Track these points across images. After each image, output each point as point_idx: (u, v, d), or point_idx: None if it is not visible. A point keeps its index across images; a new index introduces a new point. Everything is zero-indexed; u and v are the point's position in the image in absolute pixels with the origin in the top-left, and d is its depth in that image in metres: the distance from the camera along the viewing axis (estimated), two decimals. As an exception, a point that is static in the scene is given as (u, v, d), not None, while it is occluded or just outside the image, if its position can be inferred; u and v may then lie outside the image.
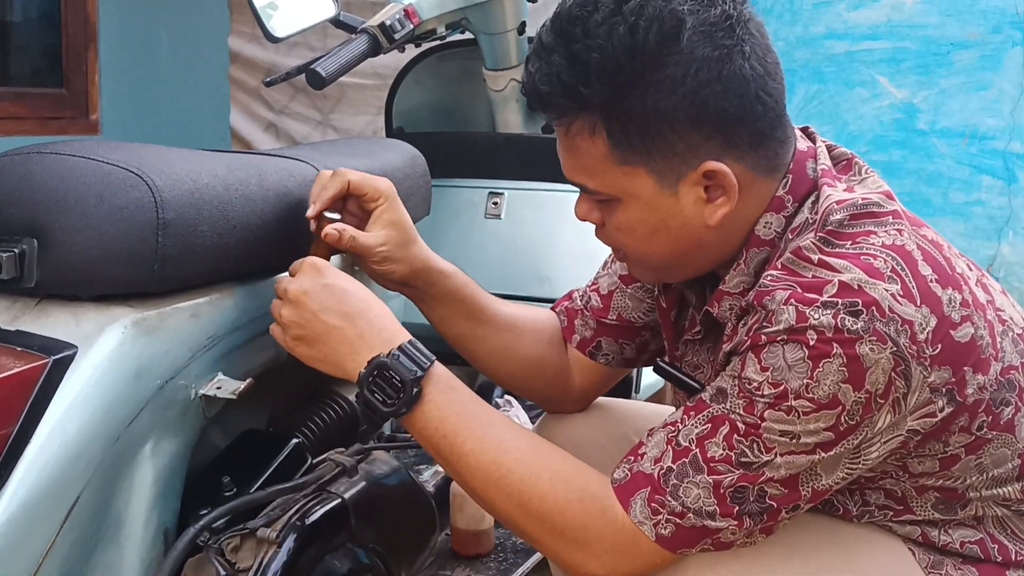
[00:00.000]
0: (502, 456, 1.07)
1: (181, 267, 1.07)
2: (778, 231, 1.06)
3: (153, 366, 1.06)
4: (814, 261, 0.99)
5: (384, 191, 1.21)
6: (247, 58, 3.88)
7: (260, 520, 1.14)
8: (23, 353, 1.00)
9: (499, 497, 1.07)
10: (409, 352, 1.09)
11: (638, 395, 2.10)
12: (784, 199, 1.06)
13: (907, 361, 0.95)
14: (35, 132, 3.23)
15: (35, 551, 0.97)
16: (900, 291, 0.96)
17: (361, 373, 1.08)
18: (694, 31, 0.98)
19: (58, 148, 1.07)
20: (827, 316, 0.94)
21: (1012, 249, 3.43)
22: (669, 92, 0.98)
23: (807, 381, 0.95)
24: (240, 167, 1.18)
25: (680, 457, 1.01)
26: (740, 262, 1.08)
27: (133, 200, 1.03)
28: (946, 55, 3.51)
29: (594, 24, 0.99)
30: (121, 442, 1.04)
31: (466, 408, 1.09)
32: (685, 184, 1.03)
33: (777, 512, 1.01)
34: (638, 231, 1.07)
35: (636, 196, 1.04)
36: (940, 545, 1.10)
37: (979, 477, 1.07)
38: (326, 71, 1.54)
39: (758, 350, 0.98)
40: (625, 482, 1.04)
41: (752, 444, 0.98)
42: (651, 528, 1.02)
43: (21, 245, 1.02)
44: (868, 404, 0.96)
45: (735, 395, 0.99)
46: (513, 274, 2.05)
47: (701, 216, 1.04)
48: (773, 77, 1.03)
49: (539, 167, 2.06)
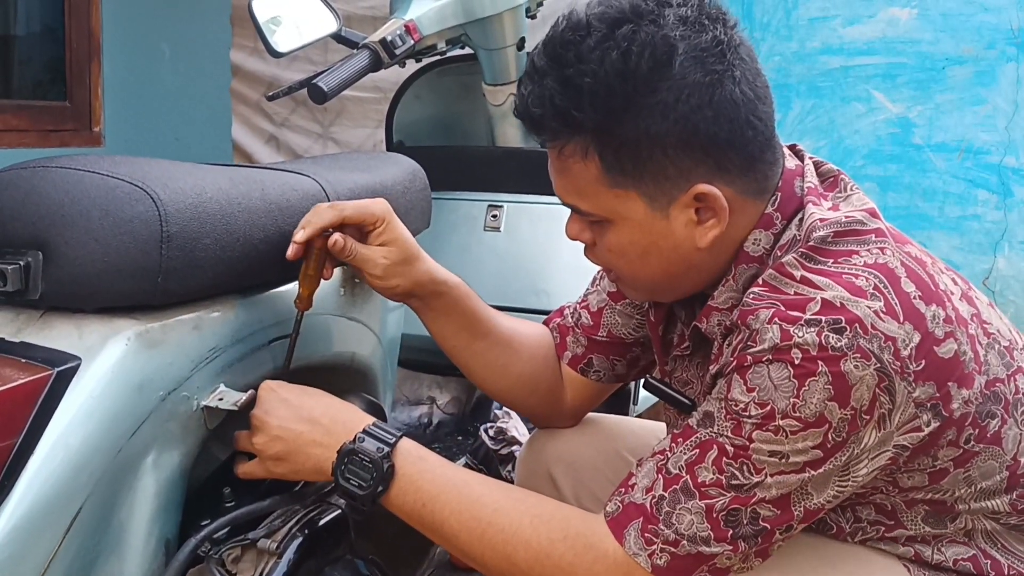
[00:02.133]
0: (480, 511, 1.08)
1: (184, 280, 1.08)
2: (766, 248, 1.07)
3: (156, 378, 1.07)
4: (796, 278, 1.00)
5: (380, 214, 1.21)
6: (249, 72, 3.89)
7: (261, 531, 1.15)
8: (27, 365, 1.00)
9: (486, 553, 1.08)
10: (373, 432, 1.11)
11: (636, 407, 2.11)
12: (773, 216, 1.07)
13: (891, 377, 0.96)
14: (37, 145, 3.24)
15: (38, 562, 0.97)
16: (883, 308, 0.97)
17: (332, 464, 1.10)
18: (686, 56, 0.99)
19: (63, 162, 1.08)
20: (811, 334, 0.95)
21: (1007, 263, 3.44)
22: (661, 117, 0.99)
23: (793, 400, 0.96)
24: (243, 181, 1.19)
25: (671, 484, 1.02)
26: (729, 278, 1.09)
27: (137, 214, 1.04)
28: (941, 70, 3.53)
29: (587, 49, 1.00)
30: (123, 454, 1.04)
31: (439, 474, 1.11)
32: (676, 207, 1.04)
33: (771, 534, 1.01)
34: (629, 253, 1.08)
35: (627, 218, 1.05)
36: (934, 563, 1.11)
37: (968, 490, 1.08)
38: (328, 86, 1.56)
39: (743, 371, 0.98)
40: (617, 514, 1.05)
41: (742, 466, 0.99)
42: (646, 559, 1.02)
43: (26, 258, 1.03)
44: (854, 421, 0.97)
45: (722, 418, 1.00)
46: (512, 286, 2.05)
47: (692, 238, 1.05)
48: (763, 101, 1.04)
49: (538, 181, 2.06)
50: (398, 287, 1.23)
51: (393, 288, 1.23)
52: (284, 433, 1.12)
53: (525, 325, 1.39)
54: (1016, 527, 1.11)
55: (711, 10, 1.03)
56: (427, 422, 2.20)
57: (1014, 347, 1.12)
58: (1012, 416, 1.08)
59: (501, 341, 1.33)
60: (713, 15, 1.02)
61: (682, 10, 1.01)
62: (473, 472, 1.14)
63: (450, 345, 1.31)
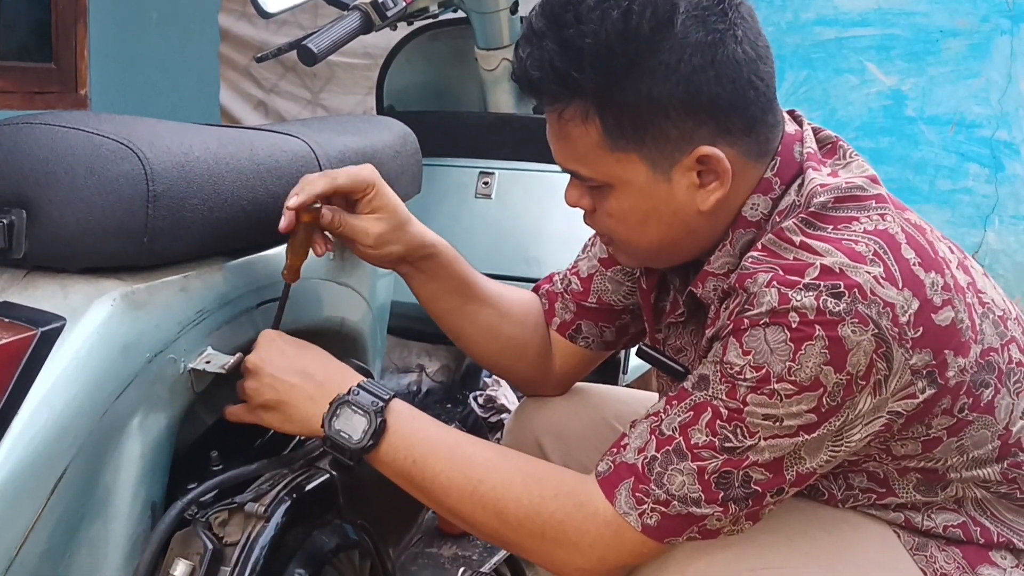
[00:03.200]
0: (472, 470, 1.08)
1: (171, 241, 1.07)
2: (764, 213, 1.07)
3: (142, 340, 1.06)
4: (796, 243, 0.99)
5: (369, 179, 1.19)
6: (237, 36, 3.85)
7: (248, 495, 1.14)
8: (11, 324, 0.99)
9: (476, 511, 1.07)
10: (368, 387, 1.11)
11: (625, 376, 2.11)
12: (772, 181, 1.07)
13: (888, 343, 0.96)
14: (22, 107, 3.21)
15: (21, 525, 0.97)
16: (883, 274, 0.96)
17: (324, 415, 1.09)
18: (687, 16, 0.98)
19: (48, 119, 1.06)
20: (809, 298, 0.95)
21: (997, 237, 3.44)
22: (663, 78, 0.98)
23: (789, 364, 0.95)
24: (231, 141, 1.17)
25: (664, 446, 1.02)
26: (726, 243, 1.08)
27: (123, 172, 1.02)
28: (935, 43, 3.51)
29: (586, 9, 0.98)
30: (109, 416, 1.03)
31: (431, 433, 1.11)
32: (678, 170, 1.03)
33: (762, 497, 1.01)
34: (630, 218, 1.07)
35: (629, 183, 1.04)
36: (923, 529, 1.11)
37: (960, 458, 1.08)
38: (318, 47, 1.54)
39: (740, 334, 0.98)
40: (608, 474, 1.05)
41: (736, 429, 0.99)
42: (636, 518, 1.02)
43: (10, 216, 1.01)
44: (849, 386, 0.96)
45: (717, 380, 1.00)
46: (503, 254, 2.05)
47: (693, 202, 1.04)
48: (764, 61, 1.03)
49: (530, 147, 2.06)
50: (390, 254, 1.22)
51: (386, 256, 1.22)
52: (277, 383, 1.11)
53: (514, 291, 1.38)
54: (1006, 496, 1.11)
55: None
56: (416, 390, 2.19)
57: (1007, 317, 1.12)
58: (1005, 385, 1.08)
59: (490, 305, 1.32)
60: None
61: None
62: (465, 434, 1.14)
63: (439, 309, 1.30)
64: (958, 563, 1.10)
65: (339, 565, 1.21)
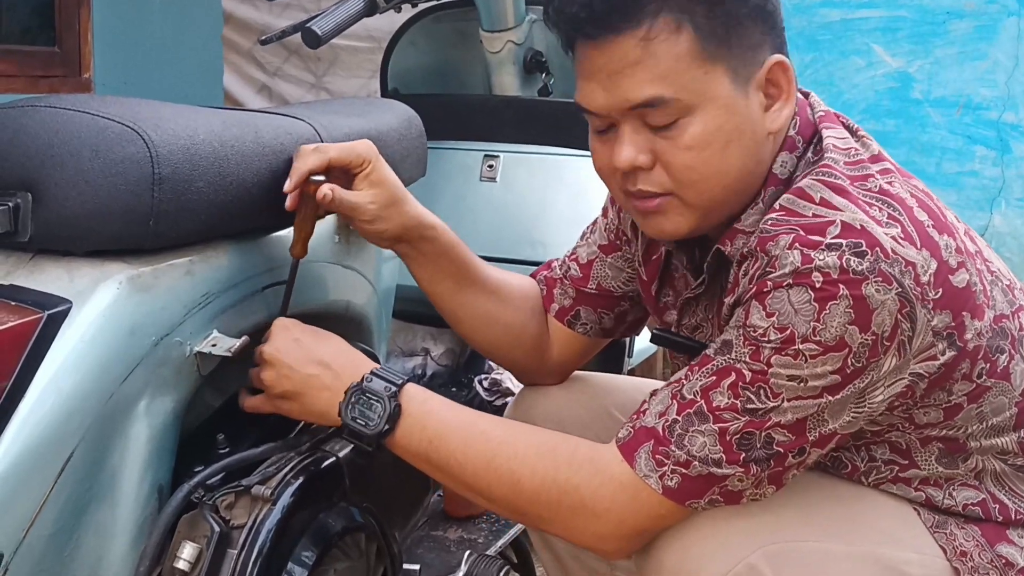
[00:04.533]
0: (486, 443, 1.08)
1: (176, 223, 1.06)
2: (791, 170, 1.07)
3: (148, 323, 1.06)
4: (815, 199, 1.00)
5: (365, 154, 1.19)
6: (240, 19, 3.84)
7: (255, 477, 1.14)
8: (17, 307, 0.99)
9: (492, 483, 1.08)
10: (381, 374, 1.12)
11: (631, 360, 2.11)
12: (796, 139, 1.08)
13: (912, 303, 0.96)
14: (25, 90, 3.20)
15: (28, 508, 0.97)
16: (900, 234, 0.97)
17: (340, 404, 1.11)
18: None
19: (52, 102, 1.06)
20: (832, 257, 0.95)
21: (1004, 220, 3.43)
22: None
23: (814, 324, 0.95)
24: (236, 124, 1.16)
25: (685, 409, 1.02)
26: (759, 200, 1.08)
27: (129, 155, 1.02)
28: (941, 24, 3.49)
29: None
30: (115, 399, 1.03)
31: (445, 412, 1.11)
32: (753, 85, 1.04)
33: (784, 457, 1.01)
34: (714, 142, 1.03)
35: (714, 99, 1.03)
36: (944, 508, 1.12)
37: (979, 426, 1.08)
38: (322, 30, 1.53)
39: (763, 296, 0.98)
40: (628, 439, 1.05)
41: (759, 390, 0.99)
42: (657, 480, 1.02)
43: (15, 199, 1.01)
44: (875, 346, 0.96)
45: (740, 344, 1.00)
46: (507, 237, 2.04)
47: (764, 123, 1.06)
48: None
49: (534, 130, 2.06)
50: (386, 231, 1.22)
51: (382, 232, 1.22)
52: (294, 374, 1.12)
53: (512, 276, 1.38)
54: (1023, 468, 1.12)
55: None
56: (421, 374, 2.19)
57: (1014, 286, 1.13)
58: (1019, 352, 1.09)
59: (488, 289, 1.32)
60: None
61: None
62: (479, 412, 1.14)
63: (437, 292, 1.30)
64: (977, 541, 1.10)
65: (345, 548, 1.21)
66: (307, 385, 1.12)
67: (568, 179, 2.04)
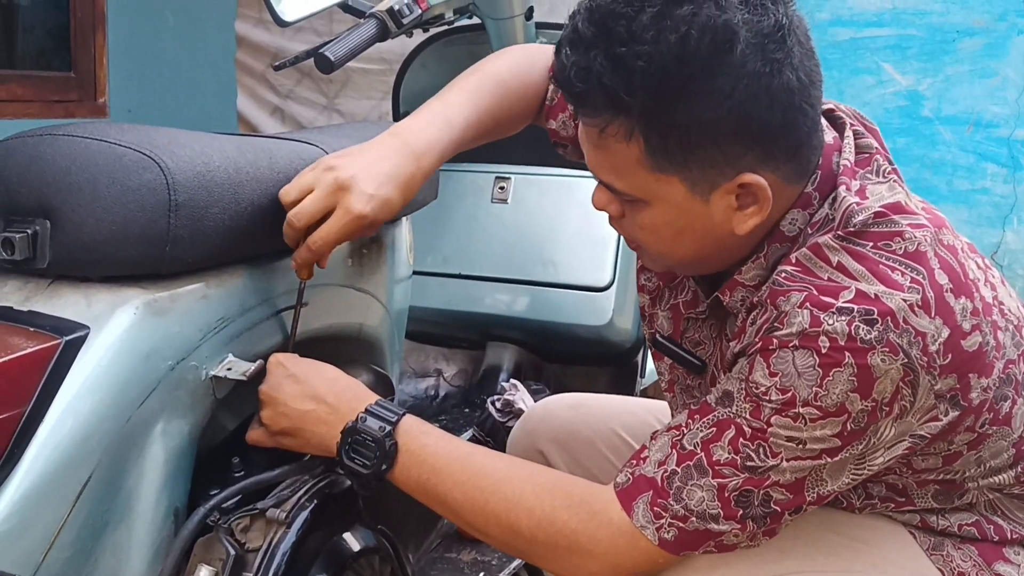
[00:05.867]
0: (482, 481, 1.08)
1: (192, 248, 1.08)
2: (800, 227, 1.04)
3: (164, 347, 1.07)
4: (832, 263, 0.98)
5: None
6: (253, 42, 3.87)
7: (270, 500, 1.15)
8: (36, 333, 1.00)
9: (489, 523, 1.08)
10: (375, 412, 1.12)
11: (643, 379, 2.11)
12: (812, 196, 1.04)
13: (916, 372, 0.95)
14: (41, 115, 3.22)
15: (47, 530, 0.98)
16: (919, 302, 0.95)
17: (337, 443, 1.12)
18: (747, 43, 0.93)
19: (70, 130, 1.07)
20: (841, 323, 0.93)
21: (1016, 237, 3.42)
22: (715, 105, 0.94)
23: (816, 389, 0.94)
24: (251, 149, 1.18)
25: (684, 460, 1.01)
26: (760, 256, 1.06)
27: (145, 182, 1.03)
28: (951, 42, 3.49)
29: (640, 26, 0.93)
30: (132, 423, 1.04)
31: (441, 448, 1.11)
32: (718, 193, 1.00)
33: (780, 516, 1.01)
34: (662, 232, 1.05)
35: (665, 200, 1.02)
36: (939, 529, 1.11)
37: (977, 469, 1.08)
38: (335, 55, 1.54)
39: (767, 354, 0.97)
40: (627, 486, 1.05)
41: (758, 448, 0.98)
42: (653, 532, 1.02)
43: (34, 226, 1.02)
44: (874, 412, 0.96)
45: (741, 399, 0.99)
46: (519, 258, 2.05)
47: (729, 223, 1.02)
48: (815, 85, 1.00)
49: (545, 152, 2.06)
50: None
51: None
52: (289, 411, 1.14)
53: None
54: (1018, 496, 1.12)
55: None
56: (434, 394, 2.20)
57: (1022, 325, 1.11)
58: (1021, 395, 1.07)
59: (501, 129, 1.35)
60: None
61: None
62: (476, 445, 1.15)
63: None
64: (974, 560, 1.10)
65: (359, 570, 1.21)
66: (303, 421, 1.13)
67: (578, 200, 2.05)
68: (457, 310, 2.10)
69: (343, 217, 1.11)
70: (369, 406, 1.13)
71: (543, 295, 2.04)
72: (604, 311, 2.00)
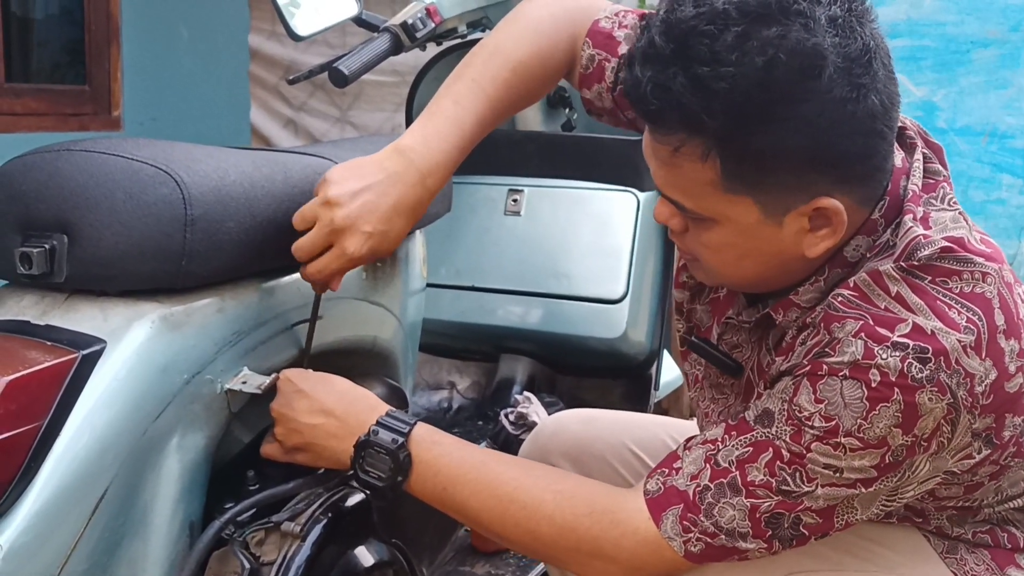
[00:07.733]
0: (500, 489, 1.08)
1: (208, 263, 1.08)
2: (863, 253, 1.02)
3: (180, 361, 1.07)
4: (891, 293, 0.96)
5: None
6: (266, 55, 3.89)
7: (284, 514, 1.15)
8: (53, 347, 1.01)
9: (509, 529, 1.08)
10: (387, 423, 1.12)
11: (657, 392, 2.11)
12: (878, 222, 1.01)
13: (959, 411, 0.94)
14: (56, 129, 3.25)
15: (63, 543, 0.98)
16: (972, 343, 0.93)
17: (351, 457, 1.12)
18: (835, 68, 0.90)
19: (87, 145, 1.08)
20: (895, 358, 0.92)
21: (1032, 248, 3.41)
22: (797, 131, 0.91)
23: (861, 421, 0.94)
24: (266, 164, 1.18)
25: (718, 477, 1.01)
26: (820, 279, 1.03)
27: (161, 197, 1.04)
28: (966, 53, 3.49)
29: (724, 47, 0.90)
30: (148, 436, 1.05)
31: (456, 456, 1.11)
32: (791, 215, 0.97)
33: (807, 539, 1.02)
34: (726, 253, 1.02)
35: (735, 221, 0.98)
36: (953, 535, 1.12)
37: (995, 496, 1.09)
38: (349, 69, 1.55)
39: (815, 379, 0.96)
40: (658, 495, 1.04)
41: (795, 472, 0.98)
42: (680, 544, 1.02)
43: (51, 241, 1.03)
44: (912, 447, 0.96)
45: (783, 421, 0.98)
46: (532, 270, 2.05)
47: (799, 246, 0.99)
48: (895, 106, 0.97)
49: (558, 164, 2.07)
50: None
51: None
52: (300, 427, 1.14)
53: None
54: None
55: (858, 6, 0.94)
56: (447, 407, 2.20)
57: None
58: None
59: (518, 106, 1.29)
60: (860, 13, 0.94)
61: (832, 8, 0.92)
62: (490, 451, 1.15)
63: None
64: (987, 565, 1.10)
65: (374, 583, 1.21)
66: (314, 435, 1.13)
67: (591, 212, 2.05)
68: (470, 322, 2.10)
69: (338, 257, 1.12)
70: (380, 418, 1.13)
71: (556, 307, 2.04)
72: (618, 323, 1.99)
